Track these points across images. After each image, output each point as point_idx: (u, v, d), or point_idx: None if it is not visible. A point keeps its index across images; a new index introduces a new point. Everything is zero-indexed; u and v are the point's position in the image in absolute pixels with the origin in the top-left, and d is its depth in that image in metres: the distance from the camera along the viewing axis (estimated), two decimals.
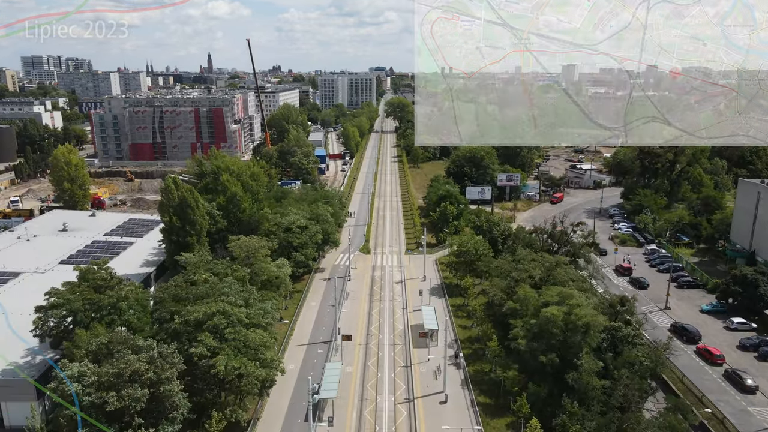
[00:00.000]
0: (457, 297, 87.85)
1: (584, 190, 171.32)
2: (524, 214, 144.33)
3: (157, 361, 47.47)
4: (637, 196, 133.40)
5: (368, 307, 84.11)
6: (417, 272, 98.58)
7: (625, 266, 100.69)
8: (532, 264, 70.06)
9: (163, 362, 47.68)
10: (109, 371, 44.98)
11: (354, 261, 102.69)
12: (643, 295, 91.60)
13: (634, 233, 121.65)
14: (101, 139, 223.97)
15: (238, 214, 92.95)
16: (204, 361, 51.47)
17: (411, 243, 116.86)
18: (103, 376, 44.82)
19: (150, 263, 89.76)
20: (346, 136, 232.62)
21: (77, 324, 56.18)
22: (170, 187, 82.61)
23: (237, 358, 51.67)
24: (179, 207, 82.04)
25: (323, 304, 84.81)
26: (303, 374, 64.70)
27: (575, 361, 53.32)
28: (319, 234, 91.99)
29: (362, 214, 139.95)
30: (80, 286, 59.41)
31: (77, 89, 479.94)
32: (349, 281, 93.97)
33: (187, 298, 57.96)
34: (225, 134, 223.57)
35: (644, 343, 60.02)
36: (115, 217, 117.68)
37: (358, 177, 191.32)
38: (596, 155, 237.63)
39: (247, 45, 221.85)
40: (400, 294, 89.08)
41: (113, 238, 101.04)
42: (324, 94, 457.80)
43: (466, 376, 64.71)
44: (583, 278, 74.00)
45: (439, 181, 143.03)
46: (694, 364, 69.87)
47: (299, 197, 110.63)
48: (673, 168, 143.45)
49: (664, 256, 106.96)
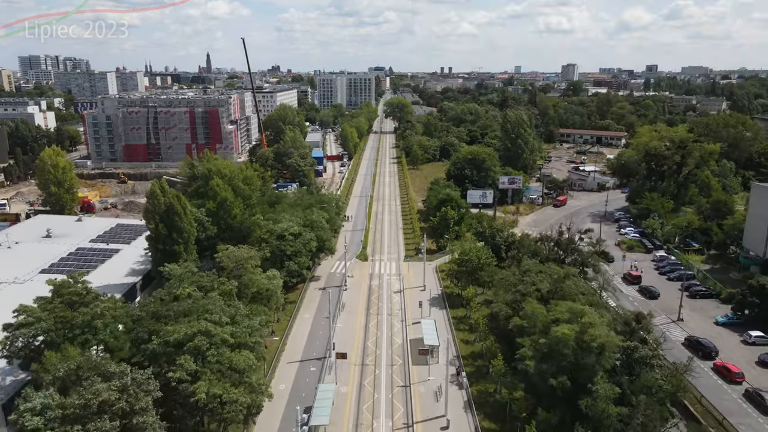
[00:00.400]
0: (458, 308, 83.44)
1: (588, 193, 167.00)
2: (527, 218, 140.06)
3: (131, 388, 43.05)
4: (644, 199, 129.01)
5: (365, 320, 79.66)
6: (416, 281, 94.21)
7: (634, 274, 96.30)
8: (540, 276, 65.56)
9: (137, 390, 43.26)
10: (75, 402, 40.58)
11: (351, 269, 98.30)
12: (653, 305, 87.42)
13: (641, 239, 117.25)
14: (94, 140, 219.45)
15: (229, 220, 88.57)
16: (184, 386, 47.14)
17: (410, 249, 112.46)
18: (68, 408, 40.41)
19: (136, 272, 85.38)
20: (344, 137, 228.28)
21: (48, 344, 51.80)
22: (156, 193, 78.21)
23: (219, 384, 47.29)
24: (166, 214, 77.63)
25: (318, 317, 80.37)
26: (294, 395, 60.35)
27: (589, 387, 48.89)
28: (313, 241, 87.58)
29: (360, 219, 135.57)
30: (53, 302, 55.01)
31: (74, 89, 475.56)
32: (345, 291, 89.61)
33: (168, 316, 53.53)
34: (221, 135, 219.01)
35: (663, 364, 55.60)
36: (103, 222, 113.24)
37: (356, 179, 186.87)
38: (599, 156, 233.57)
39: (242, 44, 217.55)
40: (399, 305, 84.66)
41: (99, 245, 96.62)
42: (322, 94, 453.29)
43: (469, 398, 60.32)
44: (593, 290, 69.54)
45: (439, 184, 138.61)
46: (711, 383, 65.49)
47: (293, 202, 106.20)
48: (680, 170, 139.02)
49: (674, 264, 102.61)
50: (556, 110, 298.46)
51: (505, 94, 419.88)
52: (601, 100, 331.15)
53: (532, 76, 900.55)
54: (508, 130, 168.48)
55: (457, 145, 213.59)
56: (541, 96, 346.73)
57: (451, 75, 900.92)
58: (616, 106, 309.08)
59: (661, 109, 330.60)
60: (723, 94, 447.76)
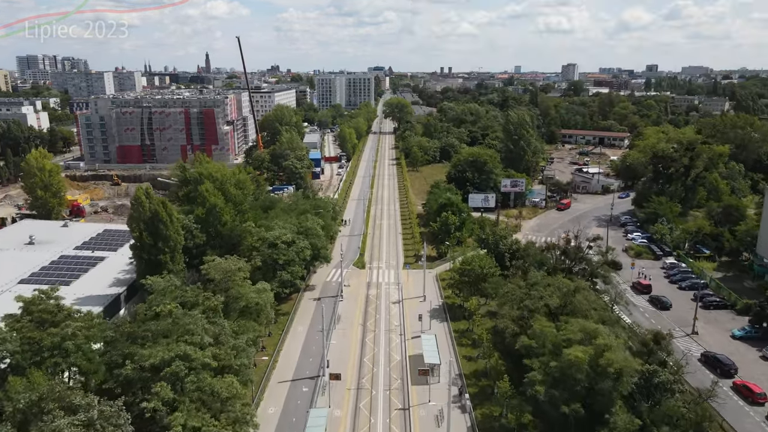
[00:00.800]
0: (460, 320, 79.03)
1: (592, 196, 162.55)
2: (530, 222, 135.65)
3: (98, 423, 38.72)
4: (651, 203, 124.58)
5: (361, 334, 75.25)
6: (416, 290, 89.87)
7: (644, 283, 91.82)
8: (548, 290, 61.12)
9: (105, 424, 38.94)
10: None
11: (347, 277, 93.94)
12: (665, 316, 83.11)
13: (649, 244, 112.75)
14: (87, 141, 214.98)
15: (219, 227, 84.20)
16: (160, 415, 42.81)
17: (410, 256, 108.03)
18: None
19: (121, 282, 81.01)
20: (343, 138, 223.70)
21: (13, 369, 47.42)
22: (141, 199, 73.83)
23: (198, 414, 42.94)
24: (150, 221, 73.30)
25: (312, 330, 75.91)
26: (284, 421, 56.03)
27: (606, 417, 44.55)
28: (307, 250, 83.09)
29: (358, 223, 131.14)
30: (21, 320, 50.67)
31: (70, 89, 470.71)
32: (341, 301, 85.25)
33: (145, 337, 49.17)
34: (216, 136, 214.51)
35: (685, 389, 51.18)
36: (90, 227, 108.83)
37: (355, 181, 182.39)
38: (602, 158, 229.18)
39: (238, 42, 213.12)
40: (398, 317, 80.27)
41: (83, 253, 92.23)
42: (321, 94, 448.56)
43: (473, 422, 55.93)
44: (605, 305, 65.09)
45: (439, 187, 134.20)
46: (732, 404, 60.96)
47: (288, 207, 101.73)
48: (689, 173, 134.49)
49: (685, 271, 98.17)
50: (558, 110, 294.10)
51: (505, 94, 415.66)
52: (602, 100, 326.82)
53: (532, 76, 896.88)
54: (510, 131, 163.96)
55: (457, 147, 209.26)
56: (542, 96, 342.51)
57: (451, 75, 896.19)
58: (618, 106, 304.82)
59: (663, 109, 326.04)
60: (725, 94, 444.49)
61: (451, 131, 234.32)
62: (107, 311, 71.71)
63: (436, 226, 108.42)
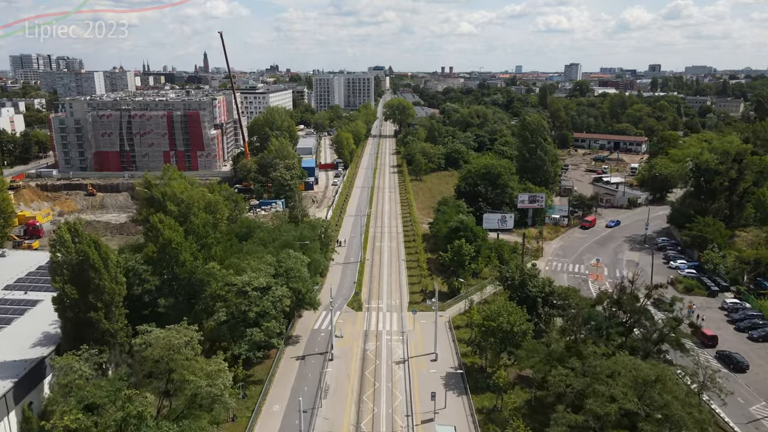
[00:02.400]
0: (484, 393, 60.98)
1: (616, 210, 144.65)
2: (552, 244, 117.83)
3: None
4: (696, 224, 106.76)
5: (356, 415, 57.38)
6: (425, 342, 72.19)
7: (708, 334, 73.88)
8: (616, 384, 42.72)
9: None
10: None
11: (339, 326, 76.22)
12: (741, 381, 65.37)
13: (699, 276, 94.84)
14: (62, 146, 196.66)
15: (176, 269, 66.37)
16: None
17: (415, 292, 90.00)
18: None
19: (49, 340, 62.99)
20: (340, 143, 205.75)
21: None
22: (64, 238, 56.12)
23: None
24: (78, 269, 55.66)
25: (291, 407, 57.91)
26: None
27: None
28: (287, 299, 65.18)
29: (354, 246, 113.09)
30: None
31: (59, 89, 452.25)
32: (331, 361, 67.49)
33: None
34: (202, 141, 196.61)
35: None
36: (31, 258, 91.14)
37: (352, 193, 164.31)
38: (620, 164, 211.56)
39: (220, 38, 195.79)
40: (403, 389, 62.37)
41: (13, 295, 74.45)
42: (319, 94, 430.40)
43: None
44: (694, 395, 47.00)
45: (448, 204, 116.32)
46: None
47: (269, 235, 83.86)
48: (735, 187, 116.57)
49: (753, 315, 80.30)
50: (568, 112, 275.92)
51: (510, 95, 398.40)
52: (613, 101, 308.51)
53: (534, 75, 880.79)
54: (527, 138, 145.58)
55: (464, 153, 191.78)
56: (551, 97, 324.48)
57: (452, 75, 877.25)
58: (631, 108, 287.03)
59: (677, 110, 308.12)
60: (733, 94, 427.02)
61: (456, 136, 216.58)
62: (21, 386, 54.03)
63: (447, 256, 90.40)
